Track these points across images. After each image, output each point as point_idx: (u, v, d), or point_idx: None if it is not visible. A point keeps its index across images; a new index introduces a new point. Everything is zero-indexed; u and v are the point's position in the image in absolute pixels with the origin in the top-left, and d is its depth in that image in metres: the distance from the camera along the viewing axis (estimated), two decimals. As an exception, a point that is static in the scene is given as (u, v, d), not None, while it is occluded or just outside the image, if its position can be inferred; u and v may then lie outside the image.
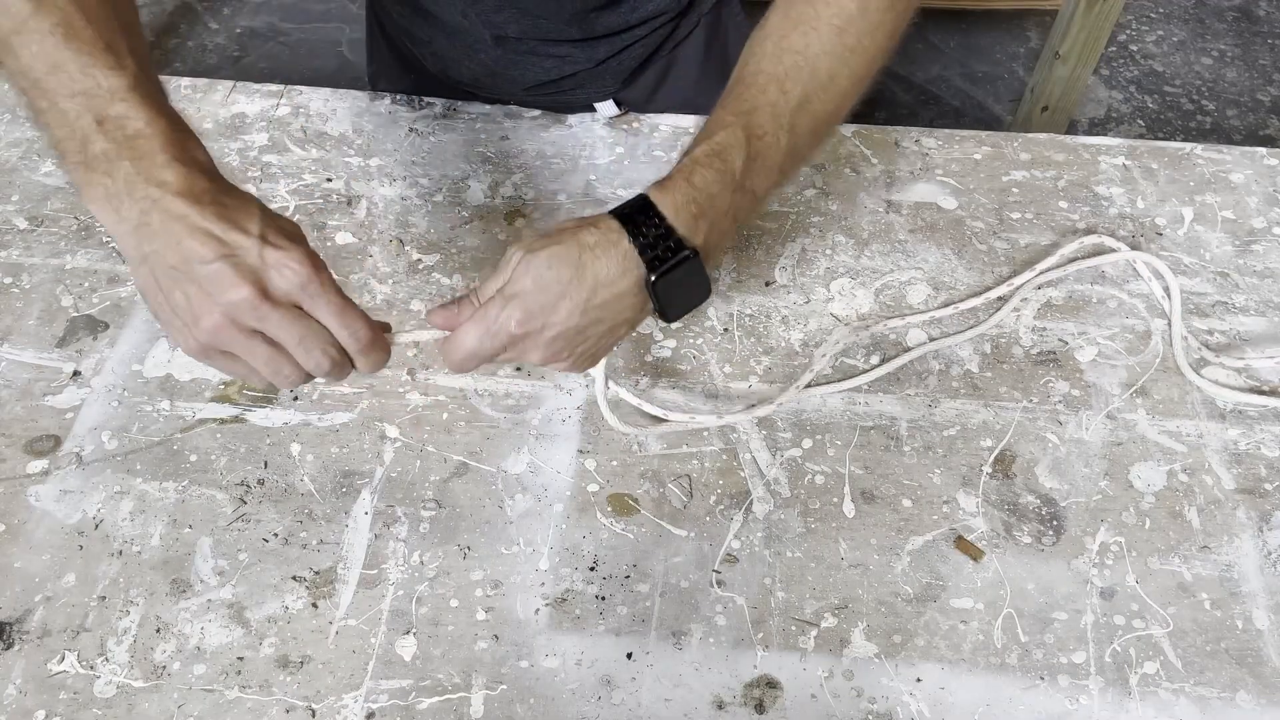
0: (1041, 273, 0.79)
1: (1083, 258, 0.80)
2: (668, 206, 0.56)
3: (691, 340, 0.76)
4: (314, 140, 0.89)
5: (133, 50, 0.54)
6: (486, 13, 0.83)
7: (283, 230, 0.52)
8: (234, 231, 0.50)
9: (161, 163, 0.51)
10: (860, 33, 0.61)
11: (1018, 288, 0.78)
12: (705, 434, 0.71)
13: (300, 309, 0.52)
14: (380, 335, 0.55)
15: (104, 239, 0.82)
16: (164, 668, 0.61)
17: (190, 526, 0.66)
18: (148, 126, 0.51)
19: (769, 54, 0.61)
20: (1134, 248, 0.81)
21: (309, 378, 0.54)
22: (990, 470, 0.69)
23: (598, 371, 0.66)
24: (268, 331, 0.52)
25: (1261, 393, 0.73)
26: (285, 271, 0.50)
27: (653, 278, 0.56)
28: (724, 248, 0.62)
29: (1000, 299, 0.78)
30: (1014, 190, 0.85)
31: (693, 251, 0.56)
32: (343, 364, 0.54)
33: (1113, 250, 0.80)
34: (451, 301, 0.58)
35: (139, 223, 0.51)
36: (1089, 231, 0.82)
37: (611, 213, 0.57)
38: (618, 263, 0.55)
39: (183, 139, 0.52)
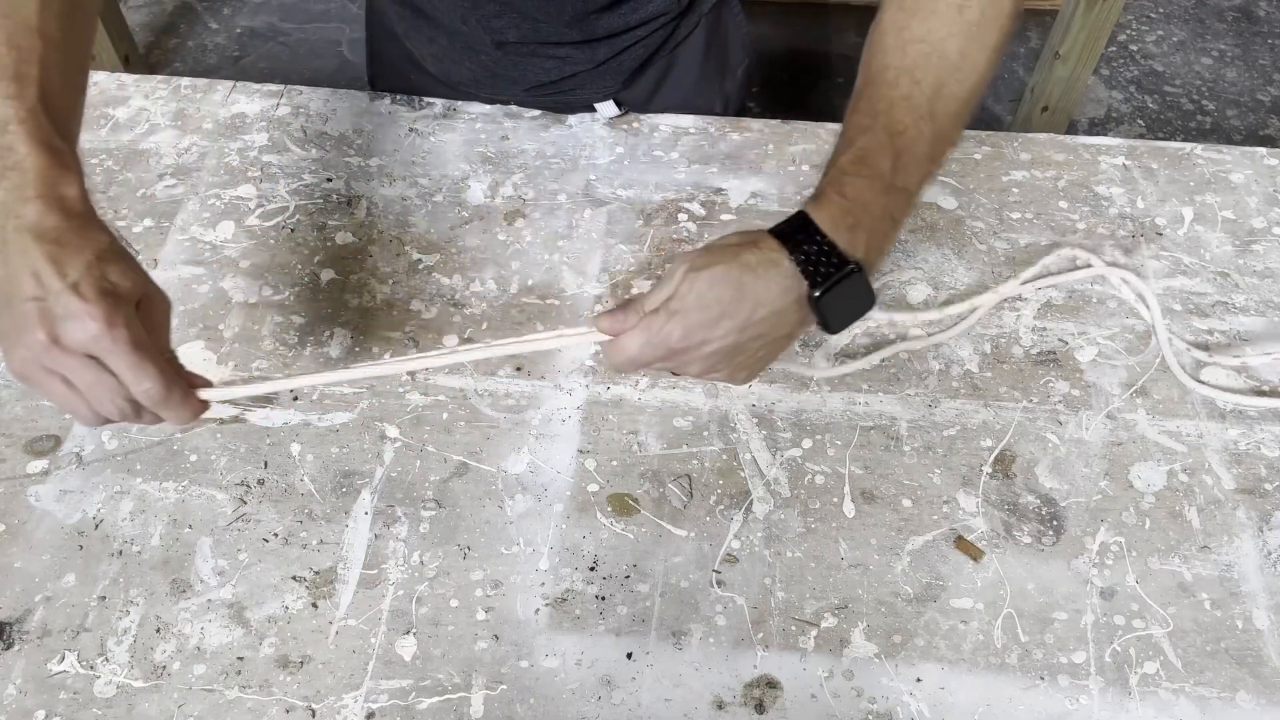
0: (1008, 293, 0.79)
1: (1056, 272, 0.80)
2: (825, 222, 0.56)
3: (691, 340, 0.76)
4: (314, 140, 0.89)
5: (43, 76, 0.55)
6: (486, 17, 0.82)
7: (101, 281, 0.52)
8: (52, 275, 0.52)
9: (26, 196, 0.53)
10: (982, 4, 0.59)
11: (996, 302, 0.78)
12: (705, 434, 0.71)
13: (95, 359, 0.53)
14: (177, 391, 0.55)
15: (104, 239, 0.82)
16: (164, 668, 0.61)
17: (190, 526, 0.66)
18: (26, 159, 0.53)
19: (892, 48, 0.60)
20: (1127, 251, 0.81)
21: (110, 420, 0.56)
22: (990, 470, 0.69)
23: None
24: (64, 375, 0.53)
25: (1261, 394, 0.73)
26: (76, 325, 0.52)
27: (816, 294, 0.56)
28: (885, 251, 0.61)
29: (966, 312, 0.78)
30: (1014, 190, 0.85)
31: (855, 265, 0.56)
32: (140, 413, 0.56)
33: (1087, 266, 0.79)
34: (618, 307, 0.59)
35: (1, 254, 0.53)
36: (1058, 247, 0.82)
37: (771, 230, 0.57)
38: (778, 282, 0.56)
39: (55, 175, 0.54)
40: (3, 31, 0.55)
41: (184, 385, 0.56)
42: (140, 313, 0.54)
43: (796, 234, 0.56)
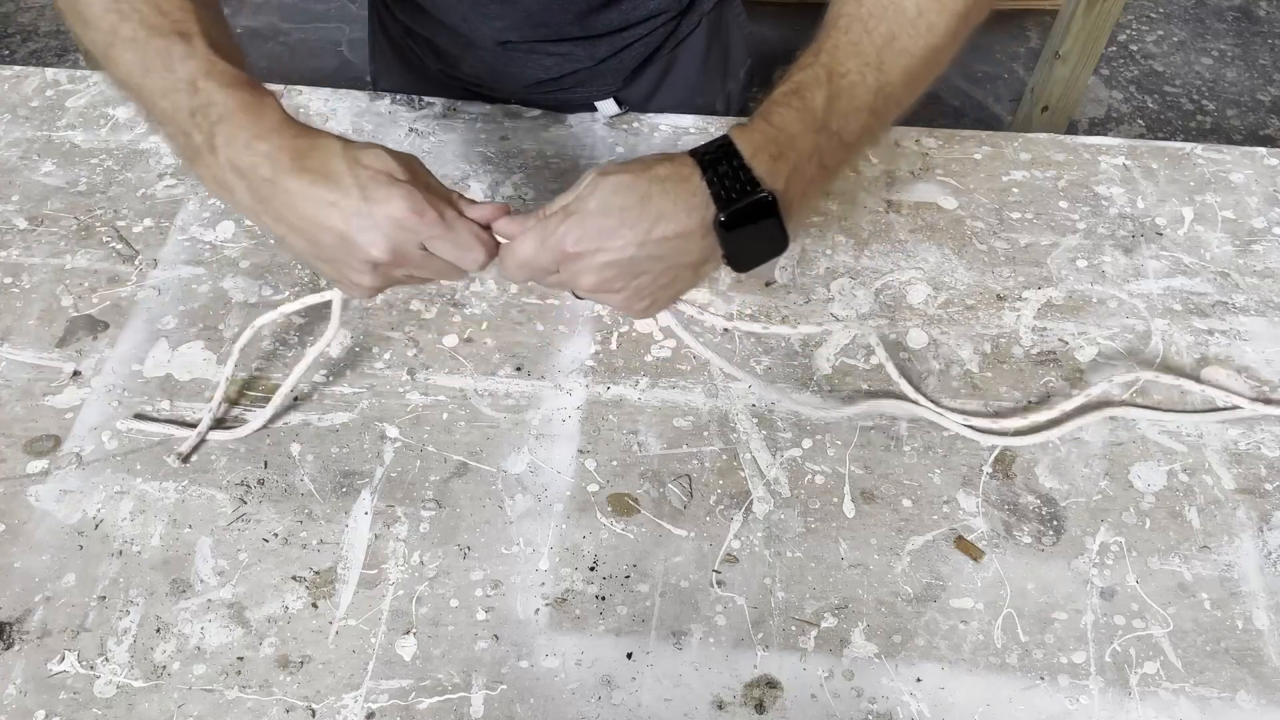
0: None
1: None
2: (746, 147, 0.54)
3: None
4: (314, 140, 0.89)
5: (203, 25, 0.55)
6: (487, 14, 0.83)
7: (373, 176, 0.53)
8: (333, 199, 0.52)
9: (242, 145, 0.53)
10: None
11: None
12: (705, 434, 0.71)
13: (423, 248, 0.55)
14: (492, 248, 0.57)
15: (104, 239, 0.82)
16: (164, 668, 0.61)
17: (190, 526, 0.66)
18: (225, 108, 0.53)
19: None
20: (1127, 250, 0.81)
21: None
22: (990, 470, 0.69)
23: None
24: (408, 275, 0.57)
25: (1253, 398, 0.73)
26: (394, 234, 0.53)
27: (721, 218, 0.54)
28: (811, 198, 0.58)
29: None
30: (1014, 190, 0.85)
31: (769, 194, 0.54)
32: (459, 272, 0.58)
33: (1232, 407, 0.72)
34: (520, 213, 0.58)
35: (253, 209, 0.54)
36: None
37: (691, 151, 0.55)
38: (685, 199, 0.54)
39: (257, 109, 0.54)
40: (149, 5, 0.55)
41: (489, 237, 0.57)
42: (415, 170, 0.55)
43: (715, 155, 0.55)
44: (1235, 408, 0.71)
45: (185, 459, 0.68)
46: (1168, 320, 0.77)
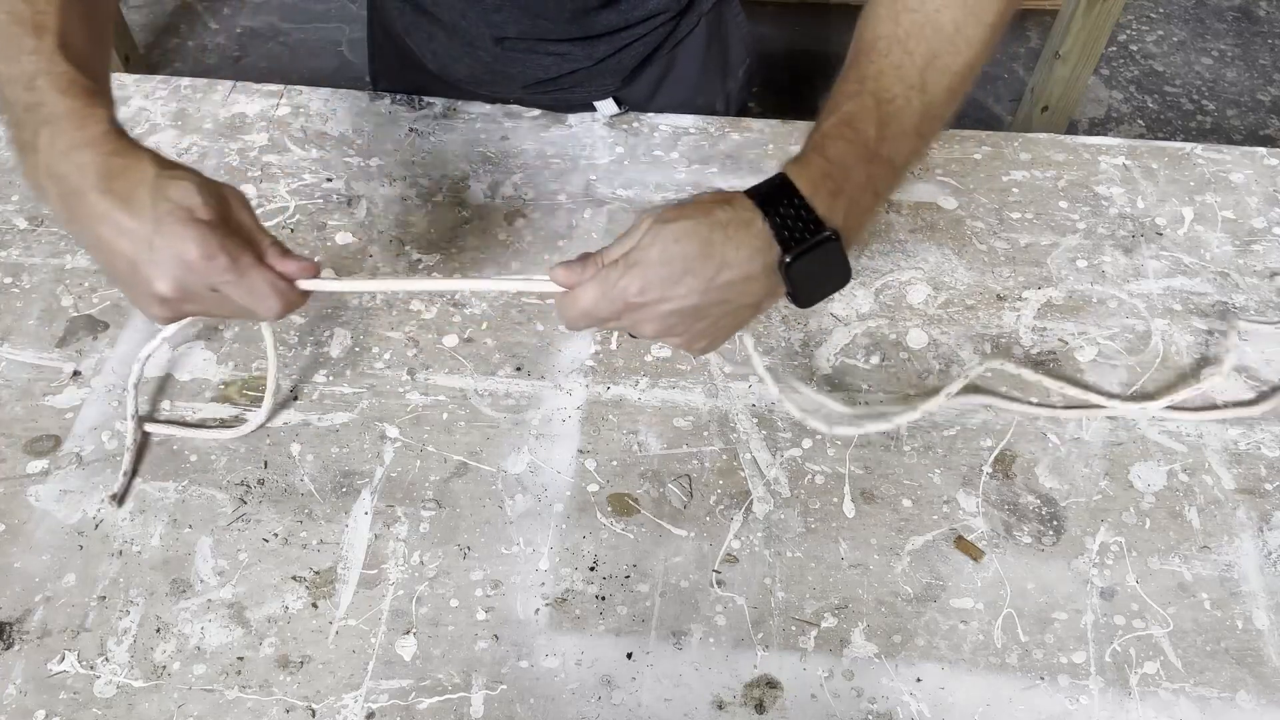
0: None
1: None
2: (805, 184, 0.53)
3: (691, 340, 0.76)
4: (314, 140, 0.89)
5: (61, 25, 0.55)
6: (486, 12, 0.83)
7: (173, 212, 0.52)
8: (127, 226, 0.52)
9: (60, 153, 0.52)
10: None
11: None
12: (705, 434, 0.71)
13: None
14: (289, 299, 0.56)
15: (104, 239, 0.82)
16: (164, 668, 0.61)
17: (190, 526, 0.66)
18: (53, 113, 0.53)
19: (884, 18, 0.58)
20: (1127, 251, 0.81)
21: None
22: (990, 470, 0.69)
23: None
24: (196, 309, 0.56)
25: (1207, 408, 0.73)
26: (180, 273, 0.52)
27: (788, 260, 0.53)
28: (865, 226, 0.58)
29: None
30: (1014, 190, 0.85)
31: (833, 233, 0.53)
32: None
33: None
34: (576, 259, 0.56)
35: (60, 216, 0.54)
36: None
37: (748, 191, 0.54)
38: (748, 243, 0.53)
39: (83, 118, 0.53)
40: None
41: (290, 289, 0.56)
42: (227, 210, 0.54)
43: (774, 194, 0.54)
44: (1099, 406, 0.71)
45: (119, 500, 0.67)
46: (1168, 320, 0.77)
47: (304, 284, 0.57)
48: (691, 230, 0.53)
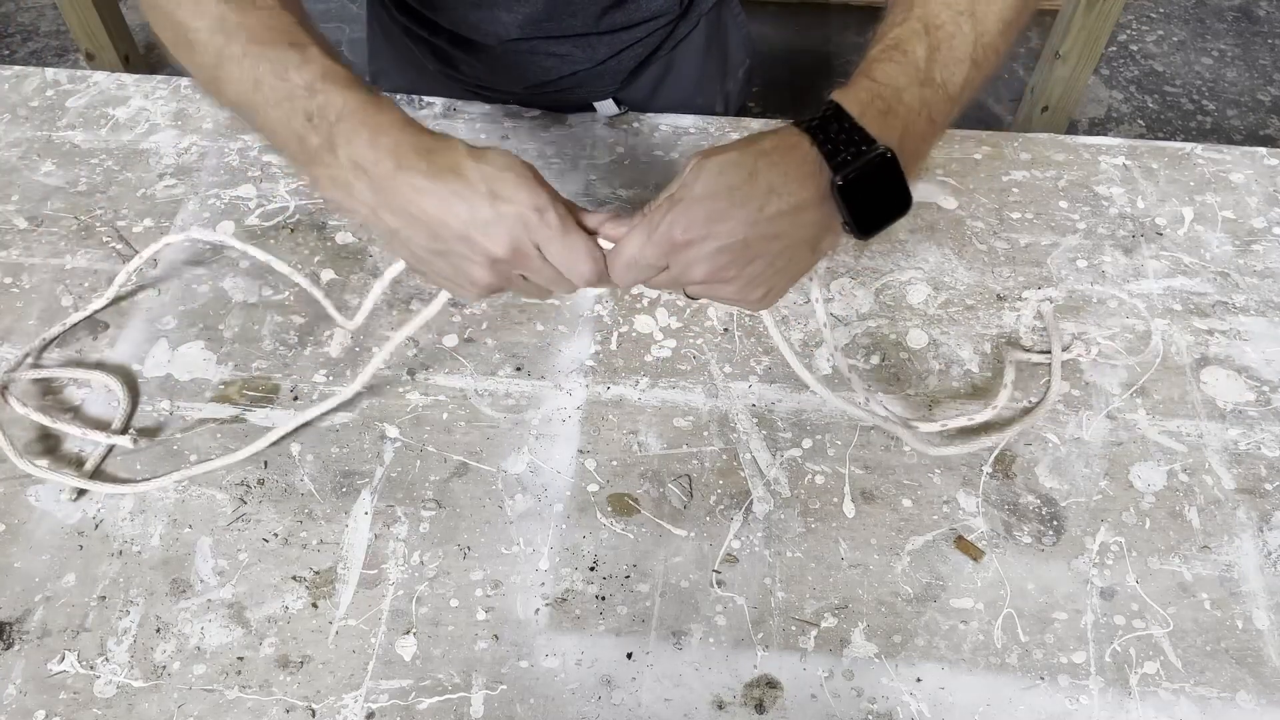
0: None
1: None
2: (854, 106, 0.51)
3: (691, 340, 0.76)
4: (314, 140, 0.89)
5: (313, 36, 0.56)
6: (489, 14, 0.83)
7: (497, 175, 0.52)
8: (462, 195, 0.51)
9: (365, 142, 0.52)
10: None
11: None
12: (705, 434, 0.71)
13: (537, 249, 0.54)
14: (602, 264, 0.55)
15: (104, 239, 0.82)
16: (164, 668, 0.61)
17: (190, 526, 0.66)
18: (345, 108, 0.53)
19: None
20: (1127, 251, 0.81)
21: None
22: (990, 470, 0.69)
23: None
24: (521, 276, 0.55)
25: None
26: (517, 227, 0.52)
27: (838, 181, 0.50)
28: (923, 154, 0.55)
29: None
30: (1014, 190, 0.85)
31: (887, 150, 0.50)
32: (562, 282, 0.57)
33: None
34: (622, 216, 0.56)
35: (373, 205, 0.53)
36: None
37: (795, 121, 0.53)
38: (796, 167, 0.51)
39: (377, 107, 0.53)
40: (257, 22, 0.55)
41: (600, 252, 0.55)
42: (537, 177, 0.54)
43: (822, 119, 0.52)
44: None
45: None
46: (1168, 320, 0.77)
47: (606, 230, 0.56)
48: (736, 160, 0.51)
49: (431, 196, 0.52)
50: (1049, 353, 0.74)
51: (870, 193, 0.52)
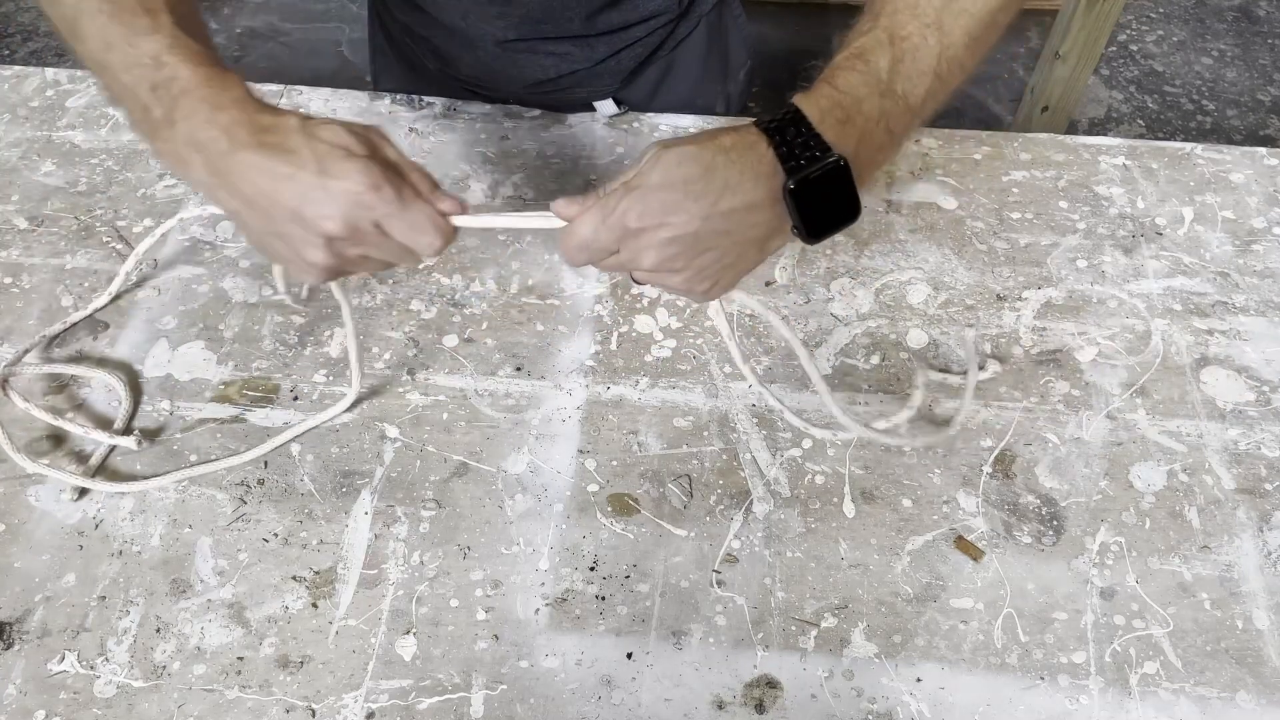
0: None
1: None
2: (813, 112, 0.52)
3: (691, 340, 0.76)
4: (314, 140, 0.89)
5: (169, 4, 0.55)
6: (486, 13, 0.83)
7: (330, 151, 0.52)
8: (291, 172, 0.51)
9: (202, 119, 0.52)
10: None
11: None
12: (705, 434, 0.71)
13: (377, 226, 0.53)
14: (446, 233, 0.55)
15: (104, 239, 0.82)
16: (164, 668, 0.61)
17: (190, 526, 0.66)
18: (188, 83, 0.53)
19: None
20: (1127, 251, 0.81)
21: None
22: (990, 470, 0.69)
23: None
24: (361, 255, 0.55)
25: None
26: (349, 207, 0.52)
27: (790, 184, 0.51)
28: (879, 163, 0.57)
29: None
30: (1014, 190, 0.85)
31: (841, 159, 0.52)
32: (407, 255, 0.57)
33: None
34: (577, 196, 0.56)
35: (209, 184, 0.53)
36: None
37: (755, 120, 0.54)
38: (752, 167, 0.52)
39: (219, 83, 0.53)
40: None
41: (446, 224, 0.55)
42: (375, 148, 0.54)
43: (781, 122, 0.53)
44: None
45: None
46: (1168, 320, 0.77)
47: (458, 220, 0.56)
48: (694, 154, 0.52)
49: (263, 176, 0.51)
50: (965, 373, 0.73)
51: (821, 198, 0.53)
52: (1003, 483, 0.69)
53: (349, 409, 0.71)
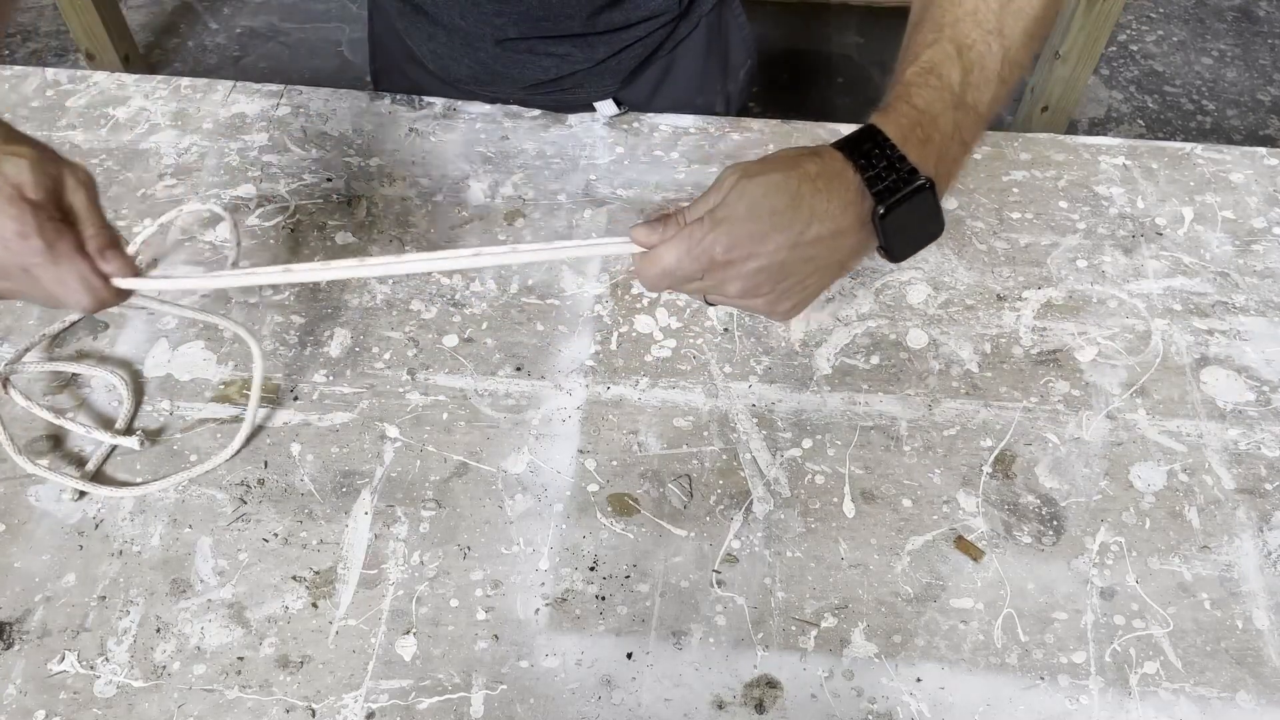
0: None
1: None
2: (894, 133, 0.52)
3: (692, 340, 0.76)
4: (314, 140, 0.89)
5: None
6: (486, 13, 0.83)
7: (4, 184, 0.51)
8: None
9: None
10: None
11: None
12: (705, 434, 0.71)
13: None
14: (101, 295, 0.55)
15: (104, 239, 0.82)
16: (164, 668, 0.61)
17: (190, 526, 0.66)
18: None
19: None
20: (1127, 251, 0.81)
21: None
22: (990, 470, 0.69)
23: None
24: (10, 289, 0.55)
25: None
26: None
27: (881, 210, 0.51)
28: (955, 175, 0.56)
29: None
30: (1014, 190, 0.85)
31: (927, 181, 0.51)
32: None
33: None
34: (656, 218, 0.55)
35: None
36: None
37: (835, 144, 0.53)
38: (840, 195, 0.51)
39: None
40: None
41: (103, 285, 0.55)
42: (61, 192, 0.53)
43: (863, 144, 0.52)
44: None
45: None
46: (1168, 320, 0.77)
47: (120, 282, 0.56)
48: (780, 184, 0.51)
49: None
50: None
51: (908, 221, 0.52)
52: (1003, 483, 0.69)
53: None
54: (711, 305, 0.60)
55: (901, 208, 0.52)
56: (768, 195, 0.51)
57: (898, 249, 0.54)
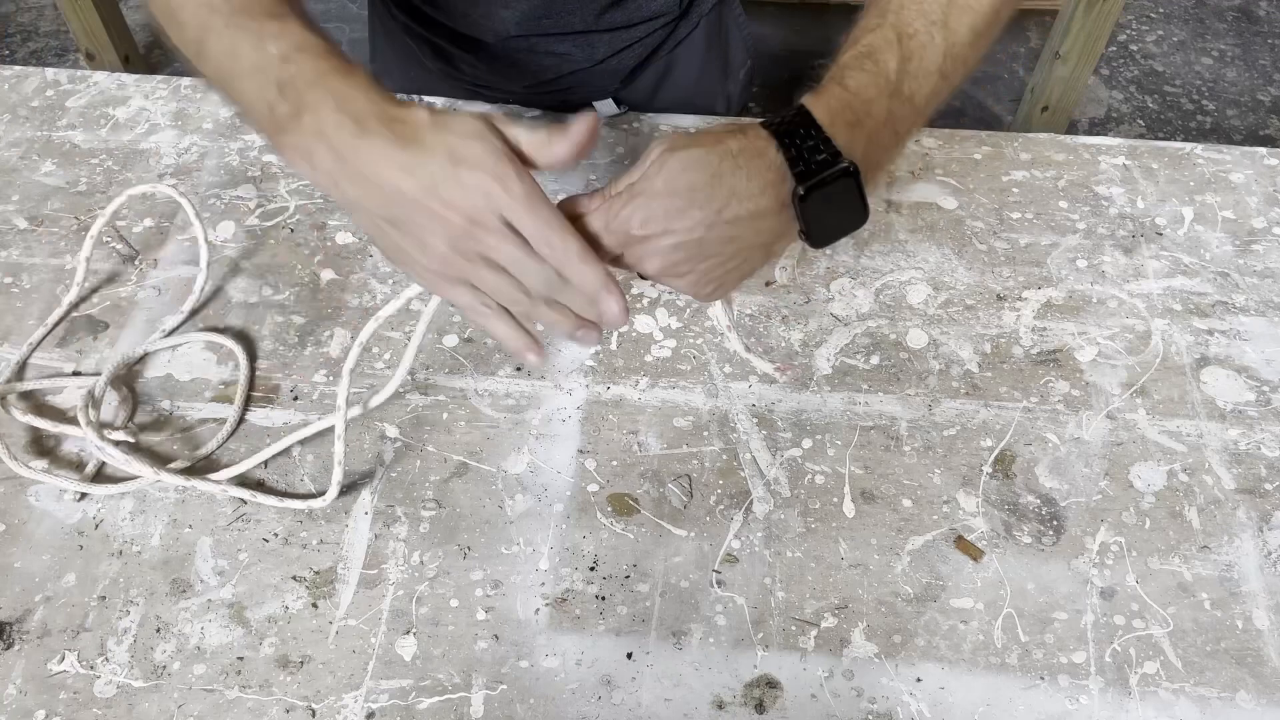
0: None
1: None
2: (823, 114, 0.51)
3: (691, 340, 0.76)
4: (314, 140, 0.89)
5: (293, 8, 0.55)
6: (486, 12, 0.83)
7: (461, 140, 0.49)
8: (419, 156, 0.49)
9: (330, 108, 0.51)
10: None
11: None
12: (705, 434, 0.71)
13: (510, 227, 0.49)
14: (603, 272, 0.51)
15: (104, 239, 0.82)
16: (164, 668, 0.61)
17: (190, 526, 0.66)
18: (314, 76, 0.51)
19: None
20: (1127, 251, 0.81)
21: (538, 319, 0.52)
22: (990, 470, 0.69)
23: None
24: (484, 257, 0.51)
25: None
26: (474, 191, 0.48)
27: (801, 192, 0.50)
28: (884, 165, 0.55)
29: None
30: (1014, 190, 0.85)
31: (851, 165, 0.50)
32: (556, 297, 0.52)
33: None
34: (584, 194, 0.54)
35: (333, 173, 0.51)
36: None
37: (763, 121, 0.52)
38: (760, 174, 0.50)
39: (347, 73, 0.52)
40: None
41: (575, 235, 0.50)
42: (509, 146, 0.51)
43: (789, 124, 0.51)
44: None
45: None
46: (1168, 320, 0.77)
47: (561, 206, 0.53)
48: (700, 159, 0.51)
49: (389, 162, 0.50)
50: None
51: (829, 205, 0.52)
52: (1003, 483, 0.69)
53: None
54: (643, 279, 0.60)
55: (822, 191, 0.51)
56: (687, 170, 0.51)
57: (817, 234, 0.54)
